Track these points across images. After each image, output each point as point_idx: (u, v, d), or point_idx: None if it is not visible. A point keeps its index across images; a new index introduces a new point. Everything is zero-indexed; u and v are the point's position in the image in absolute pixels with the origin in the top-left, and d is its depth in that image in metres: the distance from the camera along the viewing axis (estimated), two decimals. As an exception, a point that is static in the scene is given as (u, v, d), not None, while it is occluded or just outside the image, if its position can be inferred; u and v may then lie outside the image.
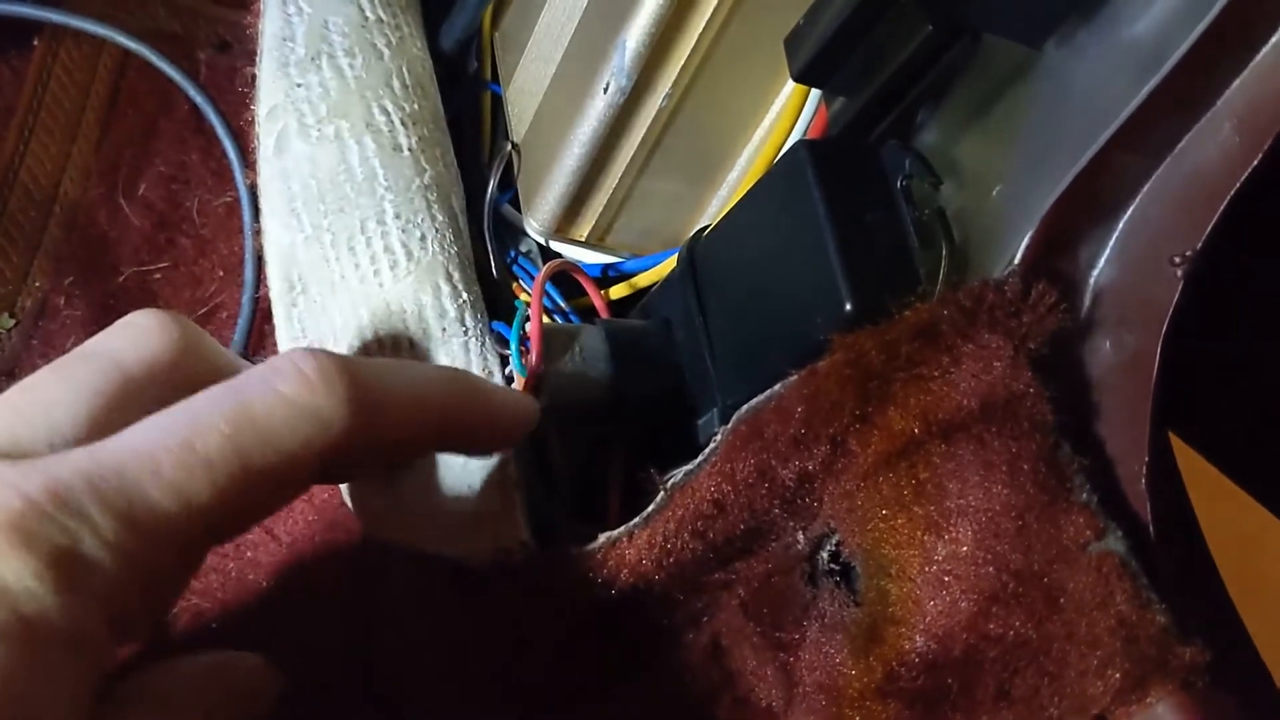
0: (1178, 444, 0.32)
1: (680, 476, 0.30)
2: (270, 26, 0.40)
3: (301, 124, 0.38)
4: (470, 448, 0.31)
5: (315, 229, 0.36)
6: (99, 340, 0.27)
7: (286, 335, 0.37)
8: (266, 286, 0.39)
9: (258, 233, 0.39)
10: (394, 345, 0.35)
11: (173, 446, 0.23)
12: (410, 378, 0.28)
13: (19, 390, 0.26)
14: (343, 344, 0.36)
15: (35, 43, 0.50)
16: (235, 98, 0.46)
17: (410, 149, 0.37)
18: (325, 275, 0.36)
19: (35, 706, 0.21)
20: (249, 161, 0.41)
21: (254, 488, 0.24)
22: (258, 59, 0.40)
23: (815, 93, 0.33)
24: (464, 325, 0.35)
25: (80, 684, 0.23)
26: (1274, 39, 0.25)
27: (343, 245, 0.36)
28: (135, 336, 0.27)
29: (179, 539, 0.23)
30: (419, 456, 0.31)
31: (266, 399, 0.24)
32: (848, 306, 0.28)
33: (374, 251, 0.36)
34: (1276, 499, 0.41)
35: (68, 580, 0.22)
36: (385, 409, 0.26)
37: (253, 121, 0.40)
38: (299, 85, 0.38)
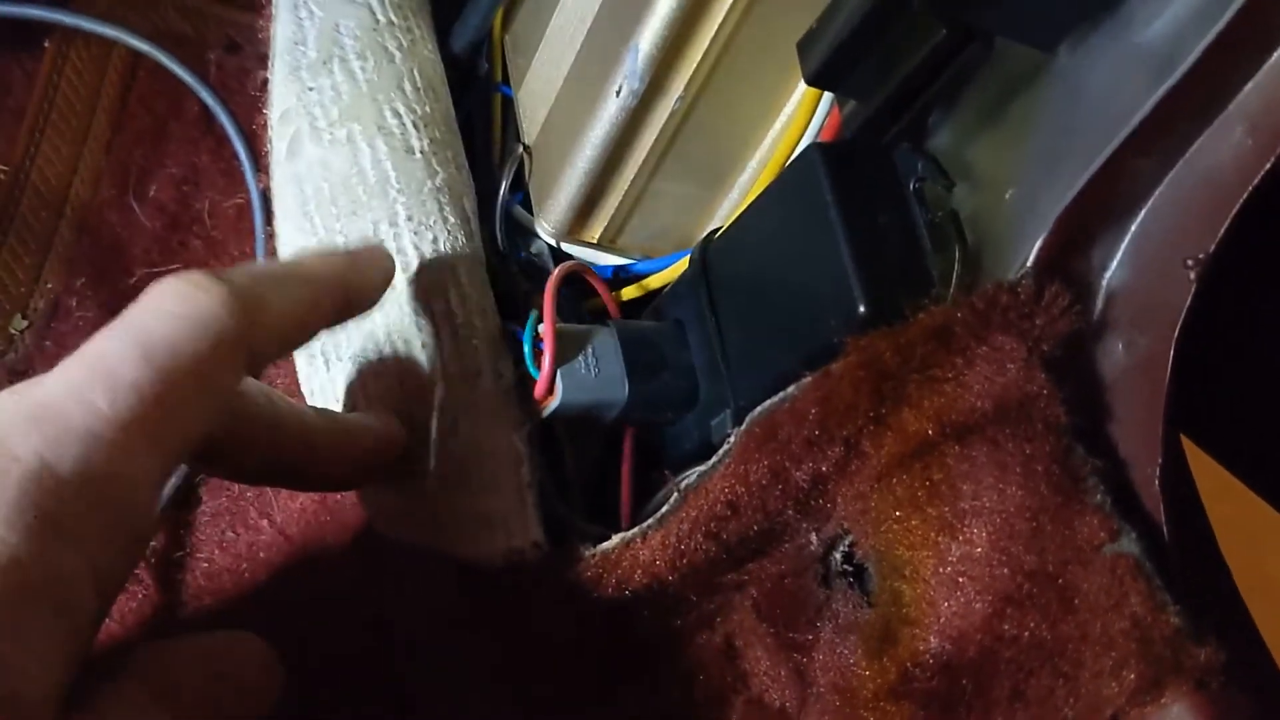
0: (1187, 445, 0.32)
1: (694, 478, 0.31)
2: (282, 30, 0.40)
3: (314, 127, 0.38)
4: (350, 312, 0.31)
5: (328, 231, 0.37)
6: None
7: (299, 337, 0.37)
8: (279, 289, 0.39)
9: (270, 235, 0.39)
10: (406, 347, 0.35)
11: (95, 378, 0.24)
12: (283, 266, 0.30)
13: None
14: (355, 345, 0.36)
15: (46, 44, 0.50)
16: (246, 99, 0.46)
17: (422, 151, 0.37)
18: (338, 277, 0.36)
19: (6, 665, 0.20)
20: (260, 164, 0.41)
21: (181, 396, 0.25)
22: (269, 63, 0.40)
23: (828, 96, 0.33)
24: (476, 327, 0.35)
25: (57, 645, 0.22)
26: (1287, 43, 0.25)
27: (356, 247, 0.36)
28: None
29: (138, 463, 0.24)
30: (319, 327, 0.31)
31: (159, 319, 0.25)
32: (861, 309, 0.28)
33: (387, 253, 0.36)
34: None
35: (40, 527, 0.22)
36: (263, 296, 0.27)
37: (265, 125, 0.40)
38: (311, 89, 0.38)
